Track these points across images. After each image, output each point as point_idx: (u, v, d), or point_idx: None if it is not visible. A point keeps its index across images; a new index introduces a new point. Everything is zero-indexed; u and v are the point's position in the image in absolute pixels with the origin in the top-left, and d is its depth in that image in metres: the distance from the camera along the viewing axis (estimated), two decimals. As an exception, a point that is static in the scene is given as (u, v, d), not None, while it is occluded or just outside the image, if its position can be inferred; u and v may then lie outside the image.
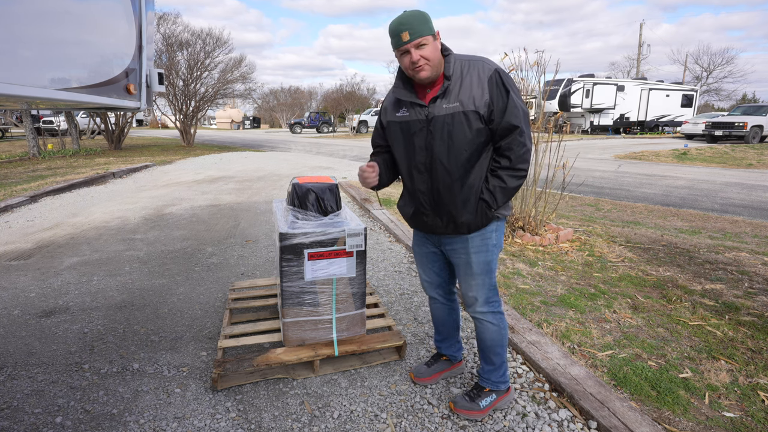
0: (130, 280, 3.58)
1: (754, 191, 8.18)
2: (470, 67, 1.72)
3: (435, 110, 1.73)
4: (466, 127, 1.70)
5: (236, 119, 43.32)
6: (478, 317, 1.96)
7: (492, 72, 1.70)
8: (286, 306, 2.30)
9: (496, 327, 1.96)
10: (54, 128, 20.48)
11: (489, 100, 1.68)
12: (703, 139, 19.66)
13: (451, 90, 1.71)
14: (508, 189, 1.76)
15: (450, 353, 2.29)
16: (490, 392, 2.02)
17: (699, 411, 2.01)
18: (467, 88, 1.70)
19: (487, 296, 1.93)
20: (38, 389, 2.18)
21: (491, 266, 1.91)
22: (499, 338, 1.97)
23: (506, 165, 1.74)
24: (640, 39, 38.99)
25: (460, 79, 1.72)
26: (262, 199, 6.89)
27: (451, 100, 1.71)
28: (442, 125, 1.72)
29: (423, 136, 1.78)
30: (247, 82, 20.66)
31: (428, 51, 1.65)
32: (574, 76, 23.71)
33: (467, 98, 1.69)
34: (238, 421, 1.97)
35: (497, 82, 1.69)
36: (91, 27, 1.85)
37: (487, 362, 2.03)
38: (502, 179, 1.75)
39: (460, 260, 1.92)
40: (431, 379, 2.25)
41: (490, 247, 1.88)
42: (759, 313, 2.92)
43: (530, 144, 1.76)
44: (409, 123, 1.80)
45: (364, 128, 29.86)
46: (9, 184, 7.87)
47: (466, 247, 1.88)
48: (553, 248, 4.27)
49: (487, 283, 1.92)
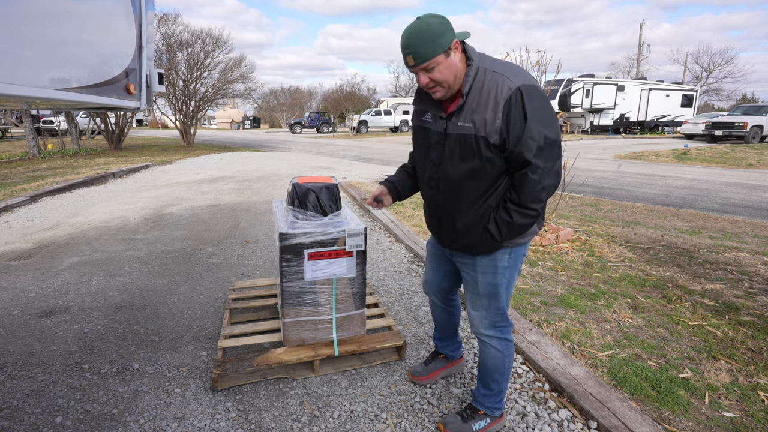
0: (130, 280, 3.58)
1: (754, 191, 8.18)
2: (490, 83, 1.49)
3: (451, 126, 1.58)
4: (475, 153, 1.53)
5: (236, 119, 43.33)
6: (482, 339, 1.82)
7: (512, 92, 1.45)
8: (286, 306, 2.30)
9: (499, 354, 1.80)
10: (54, 128, 20.48)
11: (501, 127, 1.47)
12: (703, 139, 19.67)
13: (466, 107, 1.52)
14: (514, 225, 1.58)
15: (447, 352, 2.25)
16: (485, 416, 1.88)
17: (699, 411, 2.01)
18: (482, 107, 1.49)
19: (493, 320, 1.78)
20: (38, 389, 2.18)
21: (498, 290, 1.73)
22: (501, 366, 1.82)
23: (515, 200, 1.56)
24: (640, 39, 39.04)
25: (477, 95, 1.51)
26: (262, 199, 6.89)
27: (465, 120, 1.52)
28: (454, 145, 1.57)
29: (438, 151, 1.65)
30: (247, 82, 20.68)
31: (438, 72, 1.48)
32: (574, 76, 23.72)
33: (480, 121, 1.50)
34: (238, 421, 1.97)
35: (516, 105, 1.45)
36: (91, 27, 1.85)
37: (484, 386, 1.88)
38: (509, 214, 1.57)
39: (468, 276, 1.80)
40: (429, 378, 2.22)
41: (500, 269, 1.71)
42: (759, 313, 2.92)
43: (549, 181, 1.52)
44: (429, 132, 1.68)
45: (364, 128, 29.86)
46: (9, 184, 7.87)
47: (474, 264, 1.74)
48: (553, 248, 4.27)
49: (494, 306, 1.76)
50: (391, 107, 31.71)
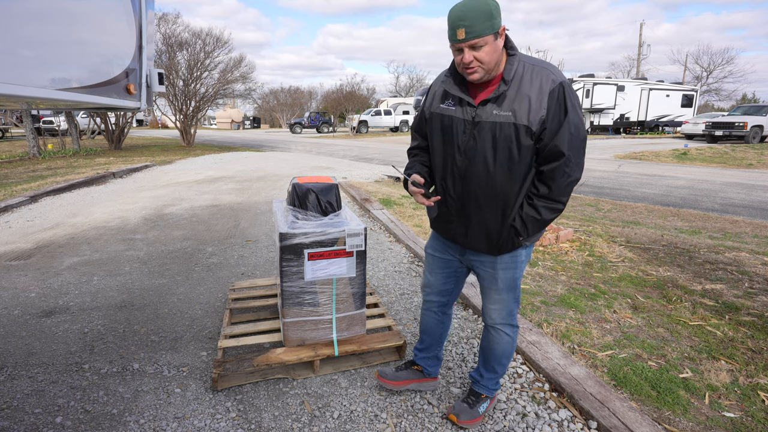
0: (130, 280, 3.58)
1: (754, 191, 8.18)
2: (533, 74, 1.52)
3: (484, 114, 1.56)
4: (513, 142, 1.53)
5: (236, 119, 43.30)
6: (497, 328, 1.88)
7: (556, 85, 1.50)
8: (286, 306, 2.30)
9: (510, 339, 1.89)
10: (54, 128, 20.47)
11: (545, 117, 1.50)
12: (703, 139, 19.66)
13: (506, 96, 1.53)
14: (542, 221, 1.61)
15: (425, 365, 2.14)
16: (486, 398, 2.00)
17: (699, 411, 2.01)
18: (524, 97, 1.50)
19: (510, 309, 1.84)
20: (38, 389, 2.18)
21: (517, 282, 1.80)
22: (510, 350, 1.92)
23: (544, 194, 1.57)
24: (640, 39, 39.03)
25: (518, 85, 1.52)
26: (262, 199, 6.89)
27: (504, 108, 1.52)
28: (488, 133, 1.55)
29: (465, 140, 1.61)
30: (247, 82, 20.68)
31: (485, 53, 1.47)
32: (574, 76, 23.71)
33: (522, 110, 1.50)
34: (238, 421, 1.97)
35: (559, 98, 1.50)
36: (92, 27, 1.85)
37: (489, 371, 1.97)
38: (537, 210, 1.59)
39: (486, 274, 1.80)
40: (396, 384, 2.10)
41: (519, 263, 1.76)
42: (759, 313, 2.92)
43: (577, 174, 1.56)
44: (453, 119, 1.63)
45: (364, 128, 29.85)
46: (9, 184, 7.87)
47: (494, 262, 1.76)
48: (553, 248, 4.27)
49: (512, 299, 1.82)
50: (391, 107, 31.70)
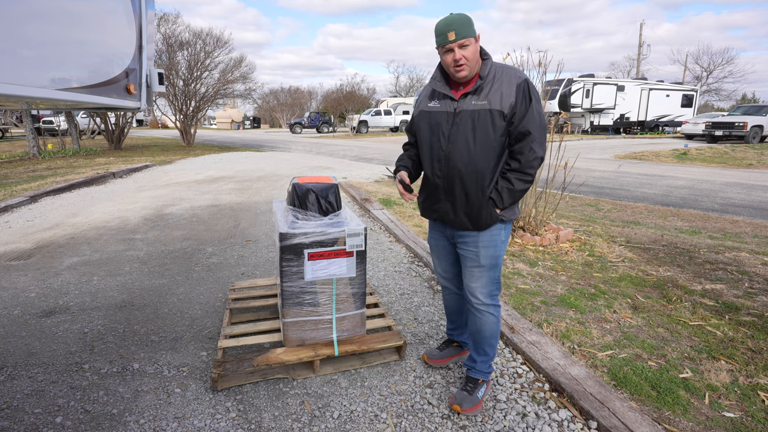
0: (130, 280, 3.58)
1: (754, 191, 8.18)
2: (503, 73, 1.89)
3: (464, 105, 1.89)
4: (489, 124, 1.86)
5: (236, 119, 43.30)
6: (481, 309, 2.05)
7: (522, 81, 1.87)
8: (286, 306, 2.30)
9: (495, 319, 2.07)
10: (54, 128, 20.47)
11: (513, 103, 1.84)
12: (703, 139, 19.66)
13: (482, 89, 1.87)
14: (514, 191, 1.90)
15: (461, 340, 2.43)
16: (483, 383, 2.12)
17: (699, 411, 2.01)
18: (497, 90, 1.85)
19: (491, 290, 2.05)
20: (38, 389, 2.18)
21: (498, 261, 2.02)
22: (496, 330, 2.09)
23: (515, 167, 1.89)
24: (640, 39, 39.03)
25: (492, 81, 1.88)
26: (262, 199, 6.89)
27: (481, 98, 1.86)
28: (468, 119, 1.88)
29: (448, 127, 1.93)
30: (247, 82, 20.67)
31: (469, 52, 1.81)
32: (574, 76, 23.70)
33: (495, 99, 1.85)
34: (238, 421, 1.97)
35: (524, 90, 1.86)
36: (92, 27, 1.85)
37: (480, 354, 2.13)
38: (510, 181, 1.89)
39: (470, 253, 2.03)
40: (442, 362, 2.41)
41: (499, 243, 2.01)
42: (759, 313, 2.92)
43: (541, 152, 1.89)
44: (438, 114, 1.96)
45: (364, 128, 29.84)
46: (9, 184, 7.87)
47: (476, 241, 2.00)
48: (553, 248, 4.27)
49: (493, 277, 2.04)
50: (391, 107, 31.69)
